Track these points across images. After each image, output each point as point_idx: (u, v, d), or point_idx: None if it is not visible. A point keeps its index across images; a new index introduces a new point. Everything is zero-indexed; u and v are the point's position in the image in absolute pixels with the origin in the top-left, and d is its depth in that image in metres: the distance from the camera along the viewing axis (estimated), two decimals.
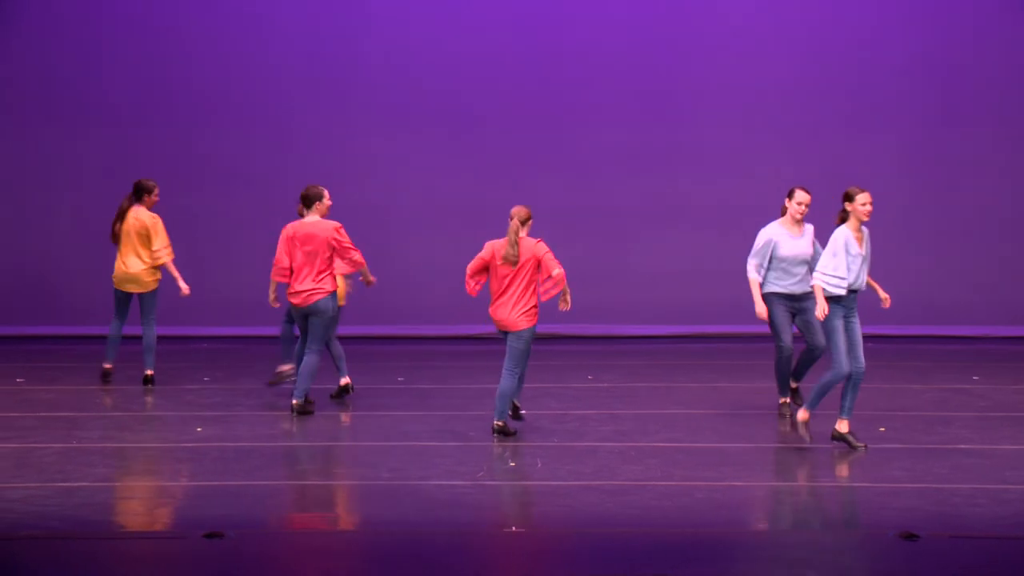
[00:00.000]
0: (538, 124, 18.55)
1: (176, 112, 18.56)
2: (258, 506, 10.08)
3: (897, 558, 8.55)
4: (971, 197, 18.30)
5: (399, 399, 13.69)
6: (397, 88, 18.60)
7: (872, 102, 18.33)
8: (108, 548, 8.99)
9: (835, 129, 18.37)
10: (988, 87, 18.35)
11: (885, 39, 18.34)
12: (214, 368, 15.67)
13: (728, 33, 18.49)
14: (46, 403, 13.77)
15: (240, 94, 18.60)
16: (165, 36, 18.56)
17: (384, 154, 18.50)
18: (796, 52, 18.43)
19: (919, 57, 18.29)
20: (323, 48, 18.57)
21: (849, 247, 11.16)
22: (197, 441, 11.95)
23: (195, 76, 18.56)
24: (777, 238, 12.02)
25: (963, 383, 14.78)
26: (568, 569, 8.21)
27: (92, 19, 18.57)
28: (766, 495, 10.45)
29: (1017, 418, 12.65)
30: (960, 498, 10.05)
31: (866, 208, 11.20)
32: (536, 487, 10.39)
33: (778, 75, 18.42)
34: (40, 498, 10.26)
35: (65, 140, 18.49)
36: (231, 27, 18.61)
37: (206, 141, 18.54)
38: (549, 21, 18.63)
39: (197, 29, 18.58)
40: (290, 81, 18.59)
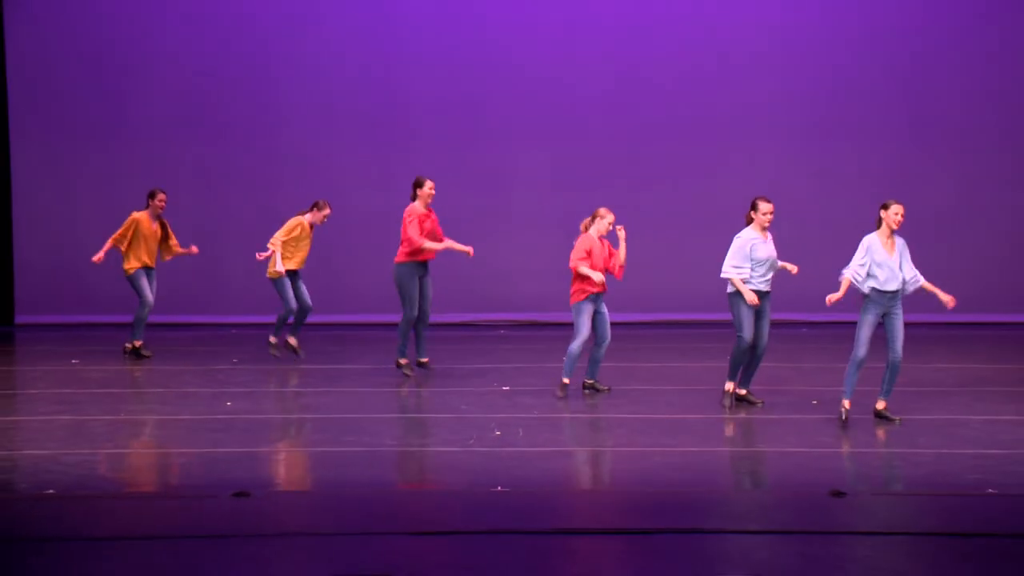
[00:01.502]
0: (521, 123, 18.41)
1: (207, 121, 18.37)
2: (279, 469, 10.08)
3: (827, 513, 8.57)
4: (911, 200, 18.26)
5: (399, 377, 13.67)
6: (384, 93, 18.47)
7: (837, 113, 18.20)
8: (150, 505, 9.00)
9: (798, 136, 18.25)
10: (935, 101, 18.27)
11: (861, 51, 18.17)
12: (242, 351, 15.64)
13: (713, 40, 18.21)
14: (97, 381, 13.74)
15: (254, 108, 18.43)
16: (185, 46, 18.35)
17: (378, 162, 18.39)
18: (774, 61, 18.19)
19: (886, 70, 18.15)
20: (319, 53, 18.31)
21: (874, 252, 11.03)
22: (227, 414, 11.94)
23: (194, 84, 18.36)
24: (754, 241, 11.75)
25: (884, 362, 14.79)
26: (547, 523, 8.22)
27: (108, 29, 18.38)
28: (715, 460, 10.47)
29: (930, 392, 12.68)
30: (881, 461, 10.09)
31: (898, 218, 11.04)
32: (519, 453, 10.40)
33: (761, 82, 18.27)
34: (92, 463, 10.26)
35: (113, 150, 18.33)
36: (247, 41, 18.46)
37: (235, 149, 18.40)
38: (535, 24, 18.40)
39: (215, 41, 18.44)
40: (289, 91, 18.40)
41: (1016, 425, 11.26)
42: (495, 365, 14.56)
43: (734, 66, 18.26)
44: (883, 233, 11.12)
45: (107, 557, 7.61)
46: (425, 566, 7.37)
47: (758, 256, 11.74)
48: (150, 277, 14.88)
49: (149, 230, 14.81)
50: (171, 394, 13.09)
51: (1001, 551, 7.67)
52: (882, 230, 11.13)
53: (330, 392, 13.26)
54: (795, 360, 14.81)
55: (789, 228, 15.90)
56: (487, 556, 7.55)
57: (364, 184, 18.13)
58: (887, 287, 11.06)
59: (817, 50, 18.25)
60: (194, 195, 18.06)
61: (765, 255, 11.77)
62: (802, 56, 18.26)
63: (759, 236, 11.79)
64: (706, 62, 18.27)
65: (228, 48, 18.39)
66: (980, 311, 17.56)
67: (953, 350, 15.54)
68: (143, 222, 14.77)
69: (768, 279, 11.83)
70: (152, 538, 7.97)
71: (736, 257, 11.76)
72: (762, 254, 11.76)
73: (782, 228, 13.28)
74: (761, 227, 11.80)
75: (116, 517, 8.60)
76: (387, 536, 8.03)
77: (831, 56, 18.23)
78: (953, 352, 15.41)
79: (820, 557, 7.51)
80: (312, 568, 7.32)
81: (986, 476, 9.65)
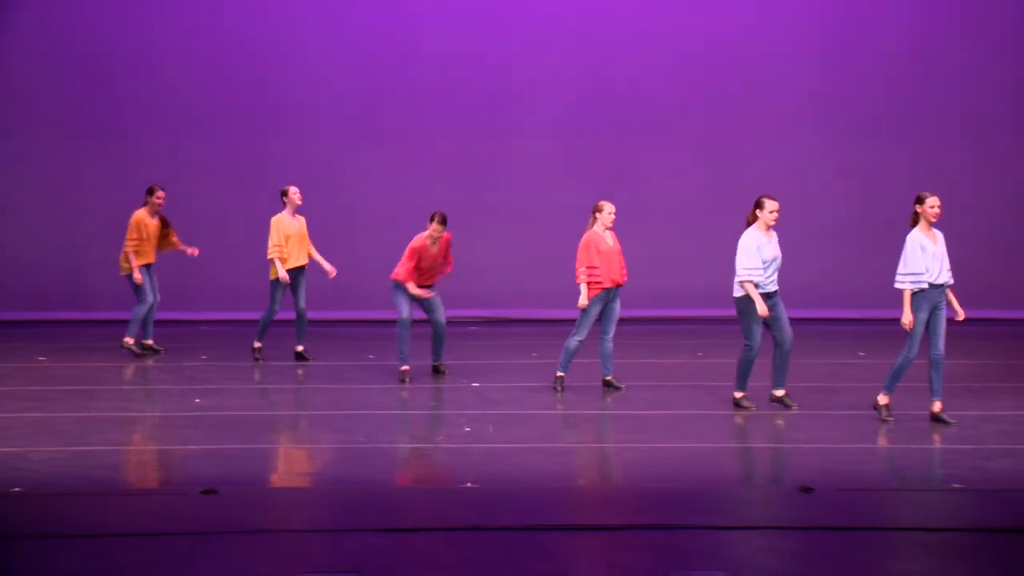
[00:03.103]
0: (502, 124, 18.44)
1: (184, 120, 18.33)
2: (248, 466, 10.04)
3: (796, 508, 8.60)
4: (861, 203, 18.34)
5: (369, 374, 13.65)
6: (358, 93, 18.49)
7: (783, 116, 18.29)
8: (118, 502, 8.95)
9: (744, 142, 18.35)
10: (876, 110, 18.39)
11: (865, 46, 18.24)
12: (211, 347, 15.59)
13: (715, 37, 18.23)
14: (65, 378, 13.67)
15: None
16: (173, 48, 18.31)
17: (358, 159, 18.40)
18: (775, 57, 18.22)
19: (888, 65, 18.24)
20: (314, 52, 18.31)
21: (924, 246, 10.90)
22: (195, 411, 11.89)
23: (188, 87, 18.36)
24: (761, 243, 11.46)
25: (851, 358, 14.87)
26: (517, 519, 8.21)
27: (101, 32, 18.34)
28: (684, 455, 10.47)
29: (911, 388, 12.70)
30: (848, 456, 10.11)
31: (935, 211, 10.92)
32: (488, 449, 10.39)
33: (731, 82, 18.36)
34: (60, 460, 10.19)
35: (81, 148, 18.25)
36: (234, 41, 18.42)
37: (208, 146, 18.36)
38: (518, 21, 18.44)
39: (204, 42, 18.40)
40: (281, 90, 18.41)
41: (983, 421, 11.32)
42: (465, 361, 14.54)
43: (736, 64, 18.30)
44: (923, 227, 10.99)
45: (75, 554, 7.56)
46: (395, 563, 7.36)
47: (764, 256, 11.44)
48: (149, 274, 14.77)
49: (150, 227, 14.72)
50: (140, 391, 13.03)
51: (964, 546, 7.71)
52: (921, 225, 10.99)
53: (299, 389, 13.23)
54: (766, 355, 14.84)
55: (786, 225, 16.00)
56: (457, 553, 7.54)
57: (335, 180, 18.10)
58: (939, 280, 10.97)
59: (821, 46, 18.36)
60: (166, 192, 17.99)
61: (771, 255, 11.49)
62: (805, 52, 18.31)
63: (764, 236, 11.51)
64: (707, 59, 18.29)
65: (201, 46, 18.35)
66: (982, 307, 17.68)
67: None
68: (144, 220, 14.66)
69: (774, 279, 11.59)
70: (120, 535, 7.94)
71: (748, 258, 11.39)
72: (768, 254, 11.47)
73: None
74: (766, 226, 11.53)
75: (84, 514, 8.55)
76: (357, 533, 8.00)
77: (834, 52, 18.32)
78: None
79: (789, 552, 7.53)
80: (281, 566, 7.29)
81: (953, 471, 9.71)
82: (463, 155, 18.43)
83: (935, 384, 11.11)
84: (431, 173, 18.27)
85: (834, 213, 18.32)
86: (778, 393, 11.84)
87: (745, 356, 11.58)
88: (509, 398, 12.43)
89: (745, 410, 11.60)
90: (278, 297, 14.22)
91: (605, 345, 12.68)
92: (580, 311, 12.46)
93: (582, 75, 18.33)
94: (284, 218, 14.26)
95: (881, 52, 18.27)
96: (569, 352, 12.61)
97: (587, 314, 12.44)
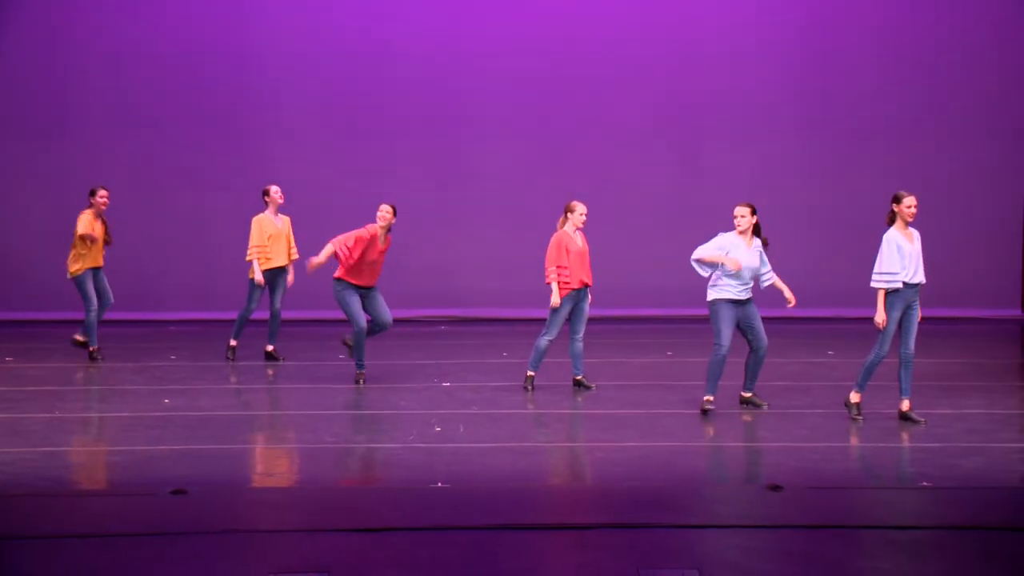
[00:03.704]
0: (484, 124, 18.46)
1: (151, 119, 18.28)
2: (218, 466, 10.02)
3: (765, 506, 8.64)
4: (831, 204, 18.41)
5: (340, 373, 13.65)
6: (336, 95, 18.47)
7: (757, 117, 18.35)
8: (88, 504, 8.92)
9: (717, 142, 18.40)
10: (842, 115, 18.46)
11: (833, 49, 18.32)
12: (180, 348, 15.55)
13: (691, 37, 18.26)
14: (32, 379, 13.61)
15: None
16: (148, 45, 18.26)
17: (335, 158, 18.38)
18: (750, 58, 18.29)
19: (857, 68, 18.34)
20: (291, 52, 18.31)
21: (900, 245, 10.90)
22: (164, 411, 11.86)
23: (170, 86, 18.30)
24: (731, 246, 11.42)
25: (820, 357, 14.94)
26: (487, 519, 8.22)
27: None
28: (655, 454, 10.51)
29: (882, 386, 12.77)
30: (817, 455, 10.16)
31: (911, 210, 10.93)
32: (459, 448, 10.40)
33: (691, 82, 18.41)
34: (28, 461, 10.15)
35: (41, 147, 18.18)
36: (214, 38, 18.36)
37: (176, 146, 18.31)
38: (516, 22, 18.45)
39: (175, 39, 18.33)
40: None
41: (952, 419, 11.39)
42: (435, 361, 14.55)
43: (711, 63, 18.34)
44: (900, 227, 11.00)
45: (44, 556, 7.54)
46: (364, 563, 7.36)
47: (747, 262, 11.40)
48: (97, 278, 14.42)
49: (96, 229, 14.30)
50: (109, 391, 12.99)
51: (933, 544, 7.76)
52: (898, 224, 11.00)
53: (269, 389, 13.22)
54: (737, 355, 14.89)
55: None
56: (427, 553, 7.55)
57: (313, 177, 18.07)
58: (913, 279, 10.99)
59: (799, 47, 18.43)
60: (134, 192, 17.94)
61: (745, 263, 11.40)
62: (781, 52, 18.37)
63: (740, 241, 11.45)
64: (682, 59, 18.32)
65: (179, 44, 18.29)
66: (952, 306, 17.79)
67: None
68: (90, 221, 14.23)
69: (748, 287, 11.54)
70: (89, 536, 7.91)
71: (704, 247, 11.46)
72: (742, 260, 11.38)
73: None
74: (739, 231, 11.47)
75: (53, 515, 8.52)
76: (326, 533, 8.00)
77: (811, 53, 18.39)
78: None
79: (759, 549, 7.57)
80: (251, 566, 7.29)
81: (922, 469, 9.77)
82: (434, 156, 18.43)
83: (904, 383, 11.17)
84: (402, 174, 18.26)
85: (806, 214, 18.39)
86: (747, 394, 11.87)
87: (715, 357, 11.54)
88: (480, 397, 12.45)
89: (706, 412, 11.54)
90: (256, 296, 14.21)
91: (575, 345, 12.71)
92: (550, 311, 12.48)
93: (554, 76, 18.34)
94: (266, 218, 14.23)
95: (858, 54, 18.35)
96: (539, 351, 12.63)
97: (557, 314, 12.47)
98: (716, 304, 11.51)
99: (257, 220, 14.22)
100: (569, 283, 12.43)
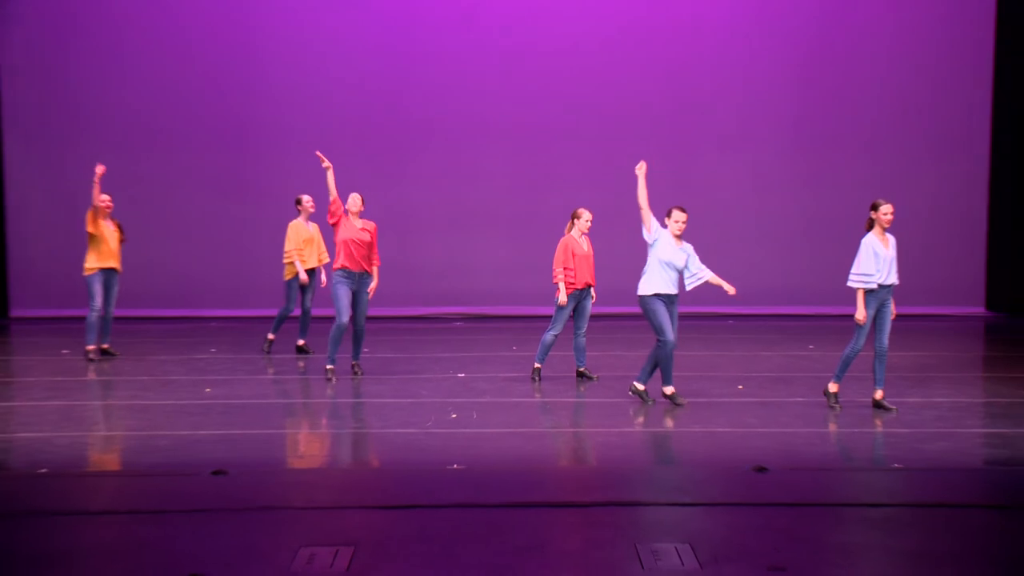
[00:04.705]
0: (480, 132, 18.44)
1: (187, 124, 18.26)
2: (254, 449, 10.04)
3: (751, 486, 8.64)
4: (813, 210, 18.40)
5: (364, 366, 13.65)
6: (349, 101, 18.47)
7: (744, 127, 18.32)
8: (136, 483, 8.95)
9: (705, 149, 18.37)
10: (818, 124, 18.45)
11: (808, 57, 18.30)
12: (219, 342, 15.57)
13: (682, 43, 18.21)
14: (85, 369, 13.64)
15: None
16: (177, 49, 18.23)
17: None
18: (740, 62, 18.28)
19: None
20: (318, 64, 18.32)
21: (876, 249, 10.88)
22: (206, 399, 11.89)
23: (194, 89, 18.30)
24: (664, 241, 11.35)
25: (801, 351, 14.93)
26: (499, 497, 8.24)
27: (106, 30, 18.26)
28: (650, 438, 10.52)
29: (859, 377, 12.76)
30: (799, 439, 10.16)
31: (888, 217, 10.89)
32: (472, 434, 10.41)
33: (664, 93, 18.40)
34: (82, 444, 10.19)
35: (101, 154, 18.17)
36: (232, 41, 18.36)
37: (215, 158, 18.31)
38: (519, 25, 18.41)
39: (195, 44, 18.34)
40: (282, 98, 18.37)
41: (921, 407, 11.39)
42: (451, 354, 14.56)
43: (702, 72, 18.28)
44: (877, 232, 10.96)
45: (96, 529, 7.57)
46: (387, 537, 7.38)
47: (665, 257, 11.28)
48: (109, 280, 14.07)
49: (105, 230, 13.99)
50: (154, 381, 13.02)
51: (903, 520, 7.77)
52: (876, 230, 10.96)
53: (300, 379, 13.23)
54: (726, 348, 14.90)
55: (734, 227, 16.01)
56: (445, 527, 7.56)
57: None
58: (887, 281, 10.96)
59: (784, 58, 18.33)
60: (180, 197, 17.97)
61: (671, 258, 11.29)
62: (767, 62, 18.31)
63: (672, 240, 11.35)
64: (673, 68, 18.28)
65: (221, 53, 18.20)
66: (922, 305, 17.76)
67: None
68: (98, 221, 13.89)
69: (674, 281, 11.43)
70: (138, 512, 7.94)
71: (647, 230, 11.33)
72: (669, 256, 11.29)
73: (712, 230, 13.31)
74: (674, 235, 11.39)
75: (104, 493, 8.55)
76: (352, 510, 8.02)
77: (797, 66, 18.33)
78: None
79: (744, 526, 7.58)
80: (284, 539, 7.31)
81: (893, 452, 9.77)
82: (449, 167, 18.42)
83: (878, 374, 11.16)
84: (418, 181, 18.26)
85: (788, 219, 18.38)
86: (640, 386, 11.67)
87: (663, 351, 11.37)
88: (492, 387, 12.46)
89: (678, 405, 11.46)
90: (292, 295, 14.26)
91: (578, 340, 12.72)
92: (556, 308, 12.49)
93: (564, 87, 18.30)
94: (299, 224, 14.28)
95: (844, 68, 18.29)
96: (546, 345, 12.64)
97: (562, 311, 12.48)
98: (649, 300, 11.32)
99: (292, 225, 14.26)
100: (574, 283, 12.44)
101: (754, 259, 18.06)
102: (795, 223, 18.39)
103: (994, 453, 9.82)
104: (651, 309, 11.33)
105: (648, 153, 18.25)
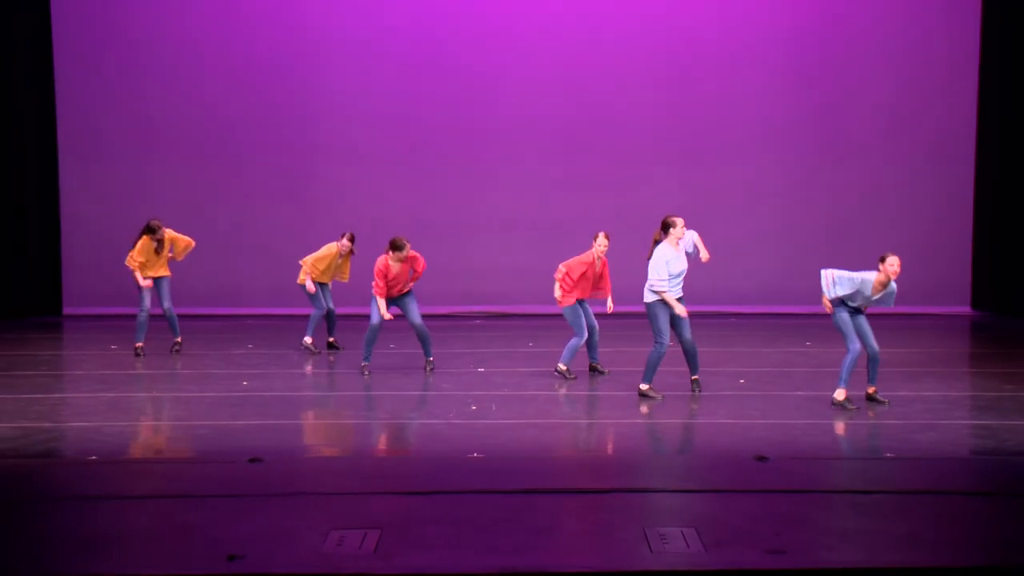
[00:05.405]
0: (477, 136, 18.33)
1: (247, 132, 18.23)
2: (288, 438, 10.07)
3: (752, 473, 8.62)
4: (807, 211, 18.30)
5: (392, 361, 13.67)
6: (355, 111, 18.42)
7: (742, 132, 18.18)
8: (178, 469, 8.98)
9: (706, 155, 18.27)
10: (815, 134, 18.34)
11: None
12: (256, 338, 15.60)
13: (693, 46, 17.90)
14: (132, 364, 13.68)
15: None
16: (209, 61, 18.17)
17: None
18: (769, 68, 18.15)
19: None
20: (344, 62, 18.24)
21: (867, 293, 10.75)
22: (243, 391, 11.92)
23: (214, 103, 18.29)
24: (670, 257, 11.24)
25: (799, 347, 14.89)
26: (516, 484, 8.24)
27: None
28: (658, 428, 10.51)
29: (837, 373, 12.72)
30: (798, 430, 10.14)
31: (894, 269, 10.65)
32: (492, 424, 10.42)
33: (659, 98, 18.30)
34: (129, 433, 10.24)
35: (147, 161, 18.18)
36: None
37: (253, 166, 18.28)
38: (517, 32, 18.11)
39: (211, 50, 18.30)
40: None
41: (911, 400, 11.36)
42: (472, 350, 14.56)
43: (700, 78, 18.05)
44: (882, 278, 10.71)
45: (141, 512, 7.60)
46: (411, 521, 7.39)
47: (674, 271, 11.26)
48: (159, 283, 14.03)
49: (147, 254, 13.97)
50: (195, 375, 13.06)
51: (893, 505, 7.75)
52: (881, 276, 10.71)
53: (330, 373, 13.24)
54: (729, 345, 14.87)
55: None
56: (465, 512, 7.57)
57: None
58: (861, 307, 10.96)
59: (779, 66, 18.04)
60: (217, 203, 17.98)
61: (679, 269, 11.30)
62: (760, 67, 17.97)
63: (674, 252, 11.27)
64: (670, 76, 18.08)
65: (265, 67, 18.06)
66: (911, 304, 17.67)
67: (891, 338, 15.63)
68: (141, 249, 13.96)
69: (681, 285, 11.40)
70: (179, 497, 7.97)
71: (662, 272, 11.19)
72: (676, 268, 11.28)
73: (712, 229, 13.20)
74: (675, 242, 11.32)
75: (149, 479, 8.58)
76: (379, 495, 8.04)
77: (792, 73, 18.03)
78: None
79: (746, 511, 7.56)
80: (315, 522, 7.33)
81: (885, 443, 9.75)
82: (468, 172, 18.33)
83: (872, 373, 11.13)
84: (437, 186, 18.20)
85: (783, 220, 18.30)
86: (696, 377, 11.66)
87: (656, 352, 11.35)
88: (510, 381, 12.46)
89: (652, 400, 11.35)
90: (316, 298, 14.25)
91: (592, 338, 12.71)
92: (571, 315, 12.44)
93: (576, 95, 18.12)
94: (333, 252, 14.18)
95: (835, 76, 18.15)
96: (572, 350, 12.50)
97: (577, 318, 12.48)
98: (654, 305, 11.31)
99: (328, 247, 14.24)
100: (573, 292, 12.45)
101: (754, 261, 17.98)
102: (793, 227, 18.32)
103: (980, 443, 9.79)
104: (654, 314, 11.34)
105: (653, 158, 18.37)
